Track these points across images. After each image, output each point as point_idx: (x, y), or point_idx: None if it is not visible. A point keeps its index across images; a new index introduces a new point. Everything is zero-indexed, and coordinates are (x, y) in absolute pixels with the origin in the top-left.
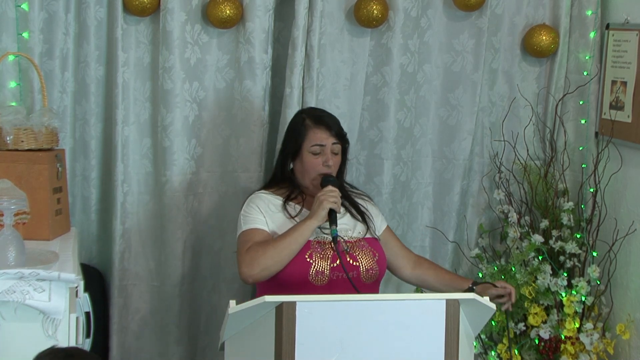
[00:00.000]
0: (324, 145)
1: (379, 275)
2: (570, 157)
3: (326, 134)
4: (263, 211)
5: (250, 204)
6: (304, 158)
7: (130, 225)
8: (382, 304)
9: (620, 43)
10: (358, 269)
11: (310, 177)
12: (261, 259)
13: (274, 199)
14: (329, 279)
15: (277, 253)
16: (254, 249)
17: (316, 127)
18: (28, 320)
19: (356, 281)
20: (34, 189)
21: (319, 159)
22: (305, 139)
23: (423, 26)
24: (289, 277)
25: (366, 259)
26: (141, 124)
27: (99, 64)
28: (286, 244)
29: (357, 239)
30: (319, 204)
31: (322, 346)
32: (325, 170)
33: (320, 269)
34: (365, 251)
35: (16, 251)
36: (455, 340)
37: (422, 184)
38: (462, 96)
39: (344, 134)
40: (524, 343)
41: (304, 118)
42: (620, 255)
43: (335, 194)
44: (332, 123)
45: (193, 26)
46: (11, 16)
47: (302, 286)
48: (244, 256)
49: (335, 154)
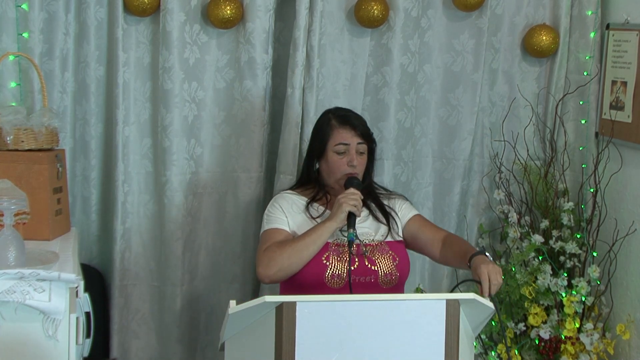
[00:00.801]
0: (349, 145)
1: (400, 279)
2: (570, 157)
3: (351, 133)
4: (286, 211)
5: (274, 203)
6: (329, 158)
7: (131, 225)
8: (382, 304)
9: (621, 43)
10: (376, 273)
11: (336, 177)
12: (278, 259)
13: (298, 199)
14: (345, 282)
15: (294, 254)
16: (271, 249)
17: (341, 126)
18: (28, 321)
19: (374, 285)
20: (34, 189)
21: (344, 159)
22: (330, 139)
23: (423, 26)
24: (305, 279)
25: (385, 263)
26: (141, 124)
27: (99, 64)
28: (304, 245)
29: (378, 242)
30: (338, 207)
31: (322, 346)
32: (350, 171)
33: (336, 271)
34: (385, 255)
35: (16, 251)
36: (455, 340)
37: (423, 184)
38: (462, 96)
39: (370, 134)
40: (524, 343)
41: (329, 118)
42: (621, 255)
43: (355, 197)
44: (358, 123)
45: (192, 26)
46: (11, 16)
47: (318, 288)
48: (262, 256)
49: (361, 153)
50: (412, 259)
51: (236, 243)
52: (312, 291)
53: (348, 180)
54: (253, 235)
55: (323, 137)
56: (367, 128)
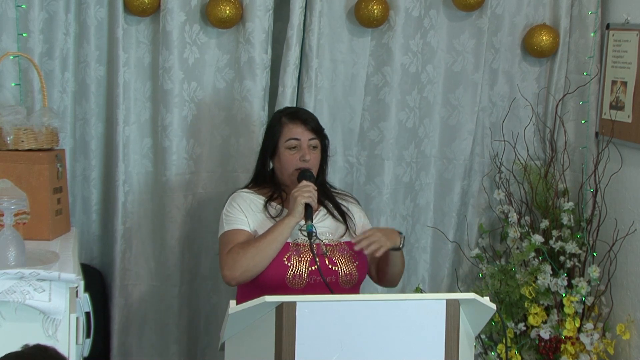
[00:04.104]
0: (299, 140)
1: (358, 280)
2: (570, 157)
3: (301, 128)
4: (245, 210)
5: (232, 202)
6: (281, 155)
7: (131, 225)
8: (382, 304)
9: (621, 43)
10: (337, 273)
11: (289, 173)
12: (242, 260)
13: (256, 198)
14: (306, 282)
15: (257, 253)
16: (235, 250)
17: (291, 122)
18: (28, 320)
19: (334, 285)
20: (34, 189)
21: (296, 155)
22: (280, 135)
23: (425, 26)
24: (267, 280)
25: (345, 264)
26: (142, 124)
27: (99, 64)
28: (266, 243)
29: (337, 243)
30: (294, 200)
31: (322, 346)
32: (302, 165)
33: (297, 272)
34: (345, 255)
35: (16, 251)
36: (456, 340)
37: (426, 184)
38: (463, 96)
39: (321, 129)
40: (524, 343)
41: (280, 116)
42: (621, 255)
43: (309, 189)
44: (309, 118)
45: (192, 26)
46: (11, 16)
47: (279, 289)
48: (225, 258)
49: (314, 148)
50: (412, 260)
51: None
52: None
53: (300, 174)
54: None
55: (274, 134)
56: (318, 124)
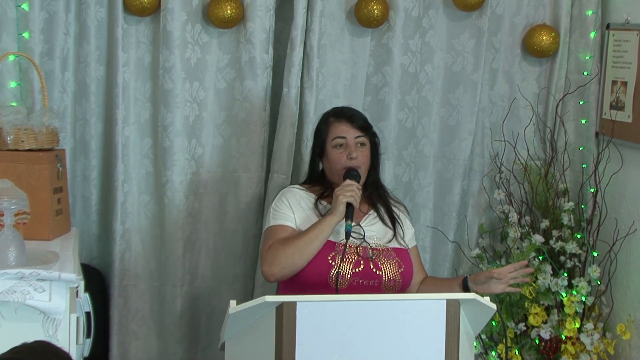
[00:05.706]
0: (345, 138)
1: (402, 286)
2: (570, 157)
3: (347, 126)
4: (293, 207)
5: (281, 197)
6: (329, 154)
7: (131, 226)
8: (382, 304)
9: (621, 43)
10: (380, 278)
11: (337, 171)
12: (282, 257)
13: (307, 195)
14: (349, 283)
15: (297, 251)
16: (275, 246)
17: (337, 121)
18: (28, 320)
19: (376, 289)
20: (34, 189)
21: (343, 153)
22: (327, 135)
23: (425, 26)
24: (308, 278)
25: (390, 269)
26: (142, 124)
27: (100, 64)
28: (306, 241)
29: (385, 248)
30: (335, 199)
31: (322, 346)
32: (350, 164)
33: (341, 272)
34: (391, 261)
35: (16, 251)
36: (456, 340)
37: (424, 184)
38: (463, 96)
39: (369, 127)
40: (524, 343)
41: (327, 116)
42: (621, 255)
43: (352, 188)
44: (354, 116)
45: (193, 26)
46: (11, 16)
47: (321, 288)
48: (265, 254)
49: (362, 145)
50: None
51: (237, 243)
52: (314, 291)
53: (346, 172)
54: (254, 235)
55: (321, 134)
56: (365, 121)
